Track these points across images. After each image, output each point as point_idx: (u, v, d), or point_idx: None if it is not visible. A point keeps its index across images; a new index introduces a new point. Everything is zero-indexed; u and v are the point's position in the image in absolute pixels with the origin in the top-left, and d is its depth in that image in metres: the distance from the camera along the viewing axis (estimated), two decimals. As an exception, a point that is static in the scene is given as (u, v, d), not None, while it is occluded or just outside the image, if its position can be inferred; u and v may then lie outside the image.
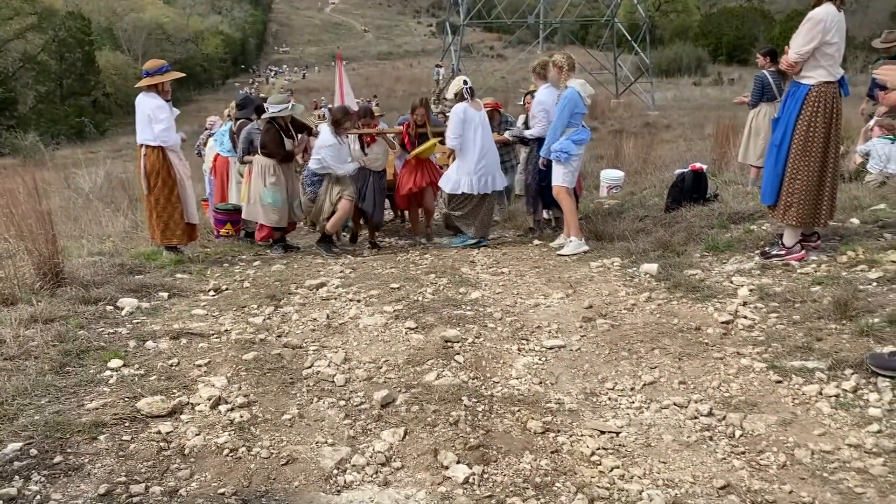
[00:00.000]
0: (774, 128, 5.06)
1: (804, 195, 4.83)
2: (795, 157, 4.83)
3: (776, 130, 5.00)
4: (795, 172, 4.85)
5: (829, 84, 4.74)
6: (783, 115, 4.91)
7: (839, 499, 2.48)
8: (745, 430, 2.98)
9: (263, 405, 3.39)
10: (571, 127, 6.25)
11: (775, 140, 4.98)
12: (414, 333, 4.32)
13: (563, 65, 6.44)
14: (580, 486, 2.62)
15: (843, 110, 4.93)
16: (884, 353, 3.37)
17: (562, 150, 6.22)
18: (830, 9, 4.65)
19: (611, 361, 3.76)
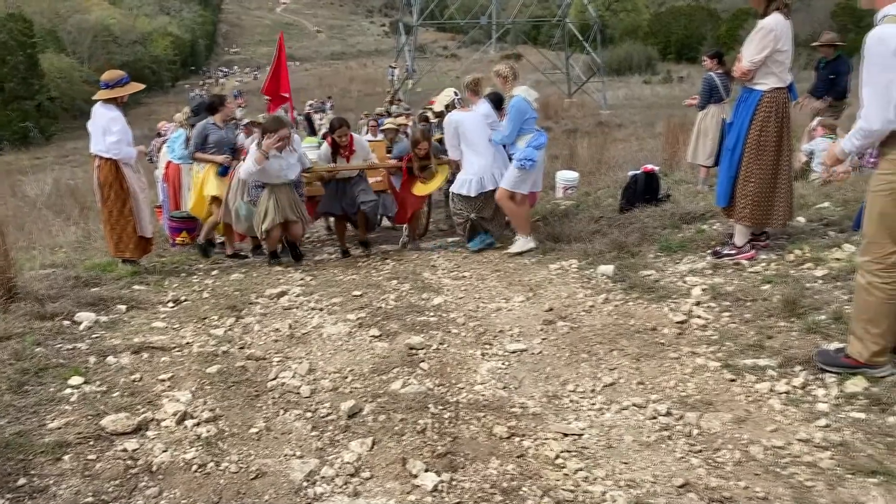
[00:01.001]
0: (728, 132, 5.23)
1: (758, 197, 5.01)
2: (749, 160, 5.00)
3: (729, 135, 5.17)
4: (749, 175, 5.01)
5: (780, 90, 4.93)
6: (736, 120, 5.08)
7: (791, 493, 2.60)
8: (701, 429, 3.10)
9: (230, 419, 3.40)
10: (528, 133, 6.32)
11: (729, 144, 5.14)
12: (378, 341, 4.36)
13: (507, 74, 6.47)
14: (546, 490, 2.69)
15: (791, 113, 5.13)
16: (830, 350, 3.52)
17: (526, 157, 6.24)
18: (779, 18, 4.82)
19: (571, 364, 3.86)
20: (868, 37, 3.07)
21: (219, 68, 68.99)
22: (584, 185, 10.26)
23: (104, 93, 6.25)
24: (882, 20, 3.06)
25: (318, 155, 7.34)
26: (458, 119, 6.68)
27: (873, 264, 3.20)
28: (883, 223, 3.16)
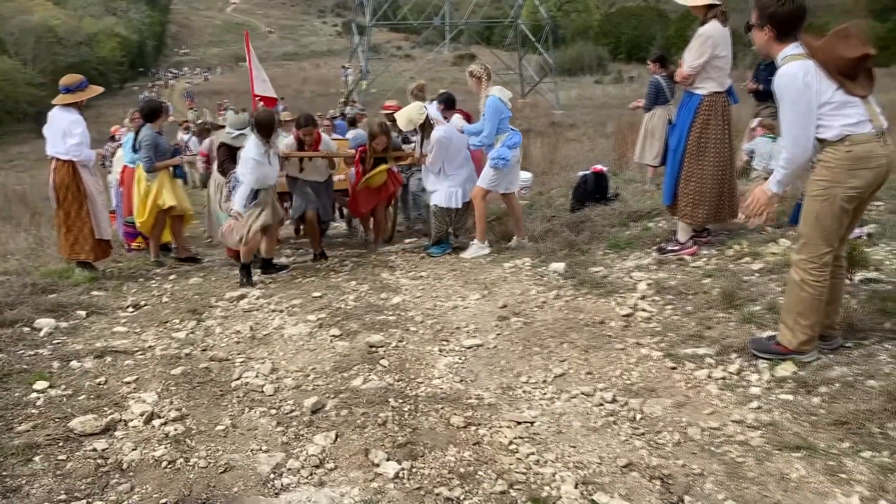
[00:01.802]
0: (671, 133, 5.51)
1: (698, 196, 5.29)
2: (690, 161, 5.28)
3: (672, 136, 5.46)
4: (690, 175, 5.30)
5: (719, 94, 5.23)
6: (678, 122, 5.37)
7: (724, 468, 2.83)
8: (644, 414, 3.32)
9: (196, 417, 3.51)
10: (503, 133, 6.47)
11: (672, 145, 5.43)
12: (339, 340, 4.50)
13: (481, 74, 6.58)
14: (500, 473, 2.88)
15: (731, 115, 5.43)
16: (763, 338, 3.79)
17: (499, 157, 6.38)
18: (717, 25, 5.12)
19: (524, 357, 4.06)
20: (777, 76, 3.35)
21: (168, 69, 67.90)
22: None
23: (65, 97, 6.28)
24: (785, 60, 3.34)
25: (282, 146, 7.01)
26: (450, 136, 6.62)
27: (808, 263, 3.46)
28: (818, 226, 3.43)
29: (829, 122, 3.28)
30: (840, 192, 3.32)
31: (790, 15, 3.34)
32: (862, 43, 3.27)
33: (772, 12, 3.36)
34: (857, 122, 3.27)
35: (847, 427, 3.01)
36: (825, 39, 3.32)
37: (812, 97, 3.25)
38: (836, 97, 3.26)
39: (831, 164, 3.31)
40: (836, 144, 3.29)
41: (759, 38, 3.45)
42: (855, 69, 3.26)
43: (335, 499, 2.80)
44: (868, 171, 3.28)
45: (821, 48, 3.28)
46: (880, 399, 3.13)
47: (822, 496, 2.60)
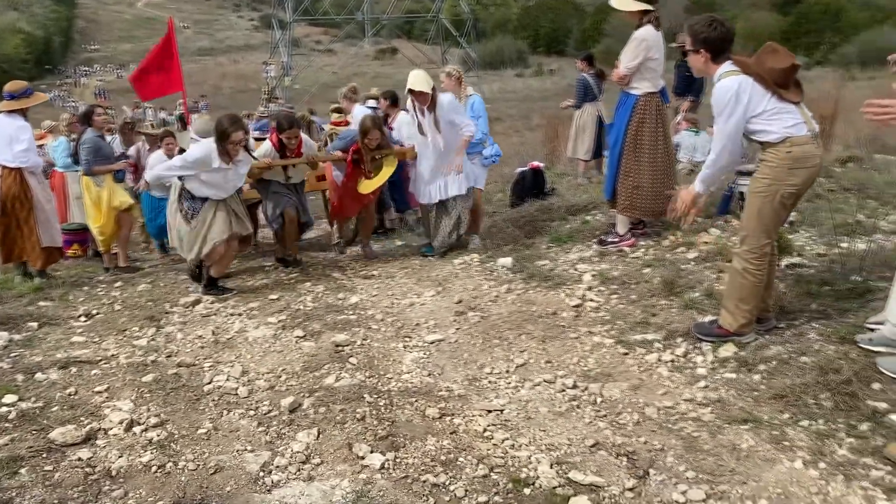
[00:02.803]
0: (609, 132, 5.86)
1: (635, 191, 5.64)
2: (627, 158, 5.63)
3: (610, 135, 5.80)
4: (627, 171, 5.64)
5: (653, 94, 5.59)
6: (616, 121, 5.71)
7: (682, 443, 3.13)
8: (604, 397, 3.60)
9: (176, 423, 3.60)
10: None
11: (610, 143, 5.77)
12: (304, 341, 4.62)
13: (458, 74, 6.69)
14: (480, 458, 3.10)
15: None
16: (705, 322, 4.13)
17: (495, 153, 6.67)
18: (650, 29, 5.48)
19: (485, 349, 4.29)
20: (715, 89, 3.68)
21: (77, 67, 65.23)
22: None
23: (10, 103, 6.17)
24: (723, 75, 3.68)
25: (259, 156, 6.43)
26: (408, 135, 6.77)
27: (749, 254, 3.80)
28: (761, 220, 3.77)
29: (770, 126, 3.63)
30: (781, 190, 3.67)
31: (721, 38, 3.70)
32: (788, 55, 3.64)
33: (705, 37, 3.70)
34: (794, 125, 3.63)
35: (786, 400, 3.36)
36: (756, 56, 3.67)
37: (742, 109, 3.60)
38: (773, 104, 3.61)
39: (773, 164, 3.66)
40: (778, 146, 3.64)
41: (696, 61, 3.79)
42: (786, 78, 3.62)
43: (327, 492, 2.96)
44: (805, 170, 3.65)
45: (754, 63, 3.63)
46: (813, 373, 3.50)
47: (770, 462, 2.93)
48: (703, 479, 2.85)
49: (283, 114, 6.90)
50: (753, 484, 2.80)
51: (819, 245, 5.28)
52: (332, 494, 2.93)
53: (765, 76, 3.60)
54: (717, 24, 3.72)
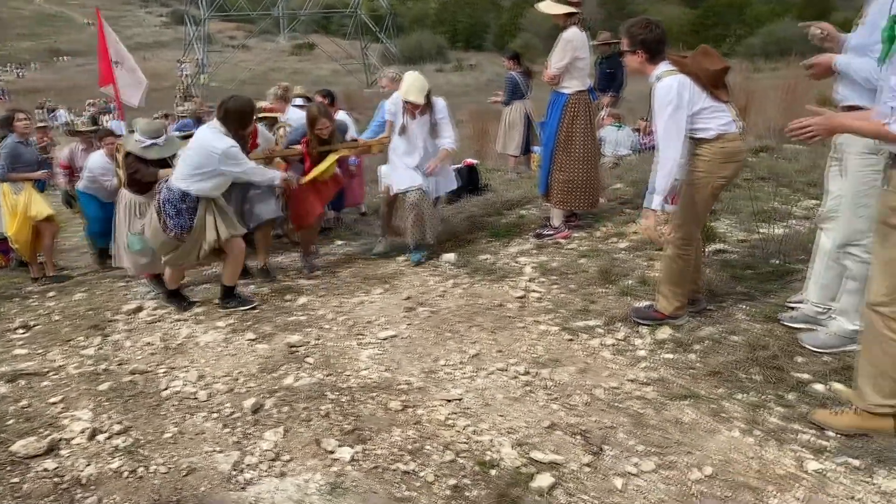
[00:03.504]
0: (542, 129, 6.10)
1: (568, 184, 5.92)
2: (560, 153, 5.89)
3: (544, 132, 6.04)
4: (561, 166, 5.91)
5: (583, 92, 5.87)
6: (549, 119, 5.96)
7: (630, 419, 3.38)
8: (555, 381, 3.82)
9: (140, 429, 3.63)
10: None
11: (544, 140, 6.01)
12: (257, 344, 4.68)
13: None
14: (445, 445, 3.27)
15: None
16: (642, 307, 4.42)
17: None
18: (577, 30, 5.75)
19: (439, 342, 4.46)
20: (657, 89, 3.92)
21: (-27, 66, 61.89)
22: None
23: None
24: (662, 75, 3.93)
25: None
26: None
27: (682, 241, 4.10)
28: (693, 210, 4.07)
29: (706, 124, 3.92)
30: (713, 182, 3.98)
31: (657, 39, 3.95)
32: (721, 59, 3.96)
33: (643, 38, 3.95)
34: (727, 123, 3.94)
35: (720, 376, 3.66)
36: (691, 57, 3.95)
37: (685, 107, 3.86)
38: (708, 103, 3.90)
39: (707, 158, 3.95)
40: (712, 142, 3.94)
41: (633, 61, 4.04)
42: (718, 79, 3.93)
43: (301, 486, 3.07)
44: (734, 164, 3.97)
45: (690, 63, 3.91)
46: (743, 350, 3.83)
47: (711, 433, 3.21)
48: (653, 452, 3.10)
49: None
50: (698, 453, 3.06)
51: (740, 231, 5.67)
52: (307, 488, 3.05)
53: (701, 76, 3.89)
54: (653, 25, 3.98)
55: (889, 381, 2.90)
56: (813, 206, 6.14)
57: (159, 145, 5.61)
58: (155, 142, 5.61)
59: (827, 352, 3.73)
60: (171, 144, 5.73)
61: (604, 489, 2.88)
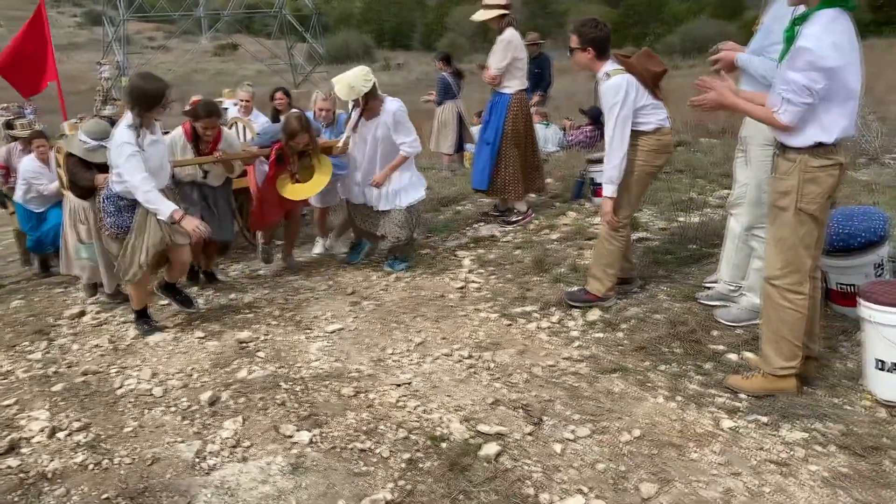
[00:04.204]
0: (485, 128, 6.41)
1: (516, 177, 6.33)
2: (506, 149, 6.25)
3: (488, 131, 6.36)
4: (508, 161, 6.27)
5: (523, 91, 6.24)
6: (492, 119, 6.30)
7: (566, 392, 3.69)
8: (496, 363, 4.11)
9: (100, 425, 3.74)
10: None
11: (488, 138, 6.33)
12: (207, 341, 4.81)
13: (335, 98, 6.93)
14: (398, 424, 3.51)
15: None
16: (575, 291, 4.75)
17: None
18: (512, 31, 6.10)
19: (385, 333, 4.69)
20: (606, 86, 4.26)
21: None
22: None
23: None
24: (611, 73, 4.27)
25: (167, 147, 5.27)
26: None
27: (617, 223, 4.47)
28: (629, 195, 4.45)
29: (647, 119, 4.33)
30: (648, 170, 4.42)
31: (605, 38, 4.33)
32: (661, 62, 4.40)
33: (593, 37, 4.30)
34: (663, 118, 4.38)
35: (645, 350, 4.02)
36: (636, 57, 4.36)
37: (630, 103, 4.24)
38: (649, 101, 4.31)
39: (645, 149, 4.36)
40: (650, 134, 4.35)
41: (583, 58, 4.37)
42: (658, 80, 4.34)
43: (263, 468, 3.26)
44: (666, 154, 4.45)
45: (636, 64, 4.29)
46: (665, 327, 4.20)
47: (639, 400, 3.55)
48: (588, 419, 3.42)
49: (203, 100, 5.70)
50: (627, 418, 3.39)
51: (661, 221, 6.09)
52: (270, 469, 3.24)
53: (645, 76, 4.28)
54: (602, 25, 4.36)
55: (788, 345, 3.29)
56: (726, 196, 6.62)
57: (106, 147, 4.96)
58: (101, 143, 5.14)
59: (739, 325, 4.13)
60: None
61: (545, 454, 3.17)
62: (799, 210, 3.14)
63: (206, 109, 5.39)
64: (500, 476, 3.02)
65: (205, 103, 5.55)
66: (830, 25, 2.87)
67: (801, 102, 2.93)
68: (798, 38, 2.94)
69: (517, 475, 3.02)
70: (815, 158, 3.06)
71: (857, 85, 2.98)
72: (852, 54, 2.92)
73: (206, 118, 5.34)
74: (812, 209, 3.12)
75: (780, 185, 3.18)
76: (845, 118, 3.00)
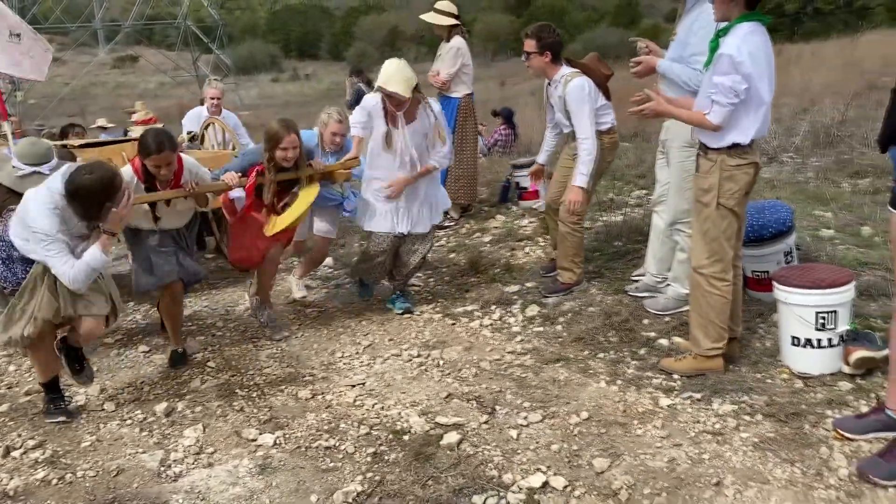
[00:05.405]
0: None
1: (465, 179, 6.59)
2: (458, 154, 6.48)
3: None
4: (458, 163, 6.51)
5: (470, 95, 6.55)
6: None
7: (514, 383, 3.92)
8: (445, 360, 4.30)
9: (56, 441, 3.72)
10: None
11: None
12: (153, 355, 4.81)
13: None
14: (359, 422, 3.65)
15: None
16: (549, 283, 5.08)
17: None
18: (460, 39, 6.39)
19: (332, 338, 4.81)
20: (571, 87, 4.56)
21: None
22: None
23: None
24: (570, 76, 4.59)
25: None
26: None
27: (576, 216, 4.79)
28: (583, 191, 4.72)
29: (602, 119, 4.71)
30: (603, 167, 4.89)
31: (560, 43, 4.69)
32: (608, 66, 4.78)
33: (551, 42, 4.62)
34: (614, 118, 4.77)
35: (584, 341, 4.30)
36: (588, 61, 4.70)
37: (592, 102, 4.59)
38: (603, 101, 4.67)
39: (601, 148, 4.70)
40: (604, 133, 4.72)
41: (539, 62, 4.68)
42: (607, 82, 4.70)
43: (231, 471, 3.35)
44: (614, 152, 4.91)
45: (589, 67, 4.65)
46: (600, 318, 4.50)
47: (583, 386, 3.82)
48: (538, 406, 3.65)
49: (152, 131, 4.25)
50: (574, 402, 3.65)
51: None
52: (237, 472, 3.33)
53: (599, 79, 4.65)
54: (556, 31, 4.69)
55: (715, 327, 3.63)
56: (643, 196, 7.07)
57: (42, 174, 4.15)
58: (37, 169, 4.23)
59: (667, 313, 4.48)
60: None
61: (502, 439, 3.39)
62: (720, 205, 3.47)
63: (156, 142, 4.04)
64: (464, 461, 3.21)
65: (154, 133, 4.15)
66: (748, 37, 3.23)
67: (727, 103, 3.27)
68: (720, 47, 3.28)
69: (479, 459, 3.22)
70: (732, 158, 3.41)
71: (768, 92, 3.34)
72: (765, 65, 3.28)
73: (157, 154, 4.04)
74: (731, 204, 3.47)
75: (702, 183, 3.52)
76: (758, 122, 3.36)
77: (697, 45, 3.80)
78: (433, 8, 6.58)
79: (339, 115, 5.11)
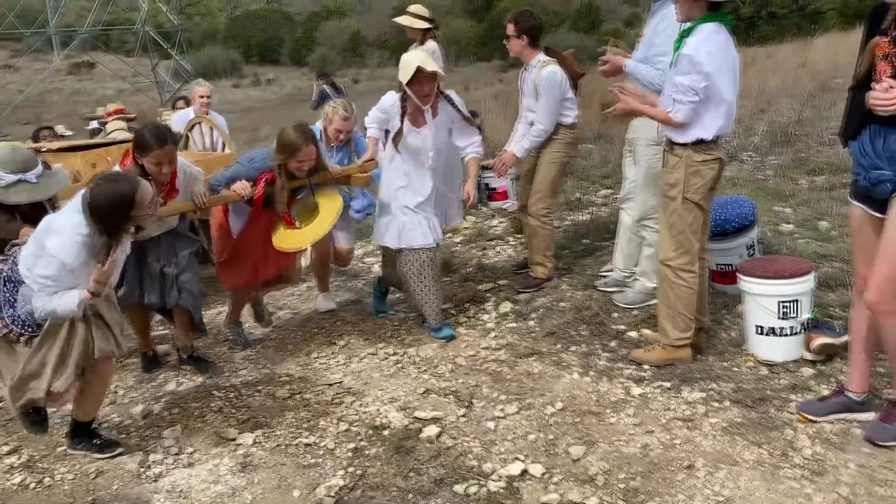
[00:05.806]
0: None
1: None
2: None
3: None
4: None
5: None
6: None
7: (490, 377, 4.00)
8: (421, 357, 4.37)
9: (31, 446, 3.69)
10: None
11: None
12: (126, 359, 4.78)
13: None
14: (339, 419, 3.70)
15: None
16: (522, 279, 5.18)
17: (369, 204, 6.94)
18: (434, 43, 6.51)
19: (308, 339, 4.84)
20: (546, 72, 4.65)
21: None
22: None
23: None
24: (545, 63, 4.69)
25: None
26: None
27: (546, 209, 4.94)
28: (553, 184, 4.92)
29: (569, 111, 4.80)
30: (567, 160, 4.95)
31: (538, 27, 4.80)
32: (581, 67, 4.96)
33: (529, 26, 4.74)
34: (578, 115, 4.87)
35: (556, 335, 4.41)
36: (564, 55, 4.84)
37: (561, 91, 4.69)
38: (571, 94, 4.77)
39: (564, 141, 4.85)
40: (568, 128, 4.84)
41: (517, 45, 4.79)
42: (578, 80, 4.85)
43: (212, 470, 3.37)
44: (576, 147, 5.00)
45: (566, 59, 4.79)
46: (571, 313, 4.62)
47: (556, 378, 3.91)
48: (513, 398, 3.74)
49: (148, 128, 3.84)
50: (549, 394, 3.75)
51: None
52: (218, 471, 3.35)
53: (572, 74, 4.79)
54: (536, 16, 4.81)
55: (683, 318, 3.75)
56: (609, 195, 7.22)
57: (29, 182, 3.60)
58: (22, 177, 3.58)
59: (635, 307, 4.60)
60: (50, 181, 3.67)
61: (480, 431, 3.46)
62: (685, 199, 3.60)
63: (156, 135, 3.70)
64: (444, 453, 3.28)
65: (151, 128, 3.84)
66: (710, 36, 3.37)
67: (687, 101, 3.40)
68: (682, 47, 3.40)
69: (459, 451, 3.29)
70: (697, 154, 3.54)
71: (730, 90, 3.47)
72: (726, 63, 3.42)
73: (160, 149, 3.69)
74: (697, 198, 3.60)
75: (669, 178, 3.64)
76: (721, 118, 3.49)
77: (662, 46, 3.93)
78: (406, 11, 6.62)
79: (345, 110, 4.71)
